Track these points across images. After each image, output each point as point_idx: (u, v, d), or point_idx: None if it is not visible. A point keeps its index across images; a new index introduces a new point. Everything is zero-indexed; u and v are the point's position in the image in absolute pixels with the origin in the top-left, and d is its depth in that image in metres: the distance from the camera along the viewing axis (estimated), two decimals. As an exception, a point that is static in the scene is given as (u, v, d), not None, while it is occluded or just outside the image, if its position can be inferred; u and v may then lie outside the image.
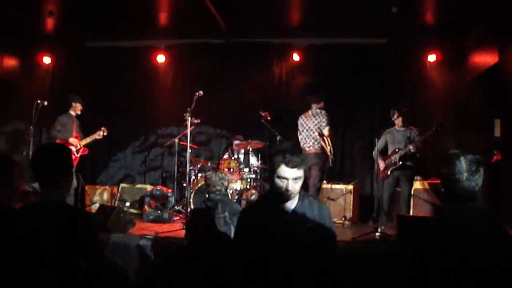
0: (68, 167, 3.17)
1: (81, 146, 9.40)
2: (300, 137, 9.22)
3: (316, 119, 9.00)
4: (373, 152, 8.96)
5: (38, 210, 3.03)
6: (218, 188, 5.92)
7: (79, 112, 9.61)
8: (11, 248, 2.90)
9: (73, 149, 9.29)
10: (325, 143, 8.90)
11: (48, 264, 2.87)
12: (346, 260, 6.39)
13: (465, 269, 2.75)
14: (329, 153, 8.93)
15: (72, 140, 9.30)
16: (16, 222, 3.00)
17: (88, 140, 9.49)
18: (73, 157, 9.30)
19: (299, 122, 9.27)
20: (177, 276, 5.58)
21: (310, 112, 9.14)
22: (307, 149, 9.03)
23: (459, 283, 2.77)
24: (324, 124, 8.90)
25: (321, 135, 8.90)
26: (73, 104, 9.54)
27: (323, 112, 9.00)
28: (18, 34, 10.65)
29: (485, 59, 9.34)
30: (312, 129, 8.99)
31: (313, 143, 8.99)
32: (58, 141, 9.25)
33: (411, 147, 8.34)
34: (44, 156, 3.13)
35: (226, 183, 5.97)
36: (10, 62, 11.40)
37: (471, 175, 2.90)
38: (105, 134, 9.63)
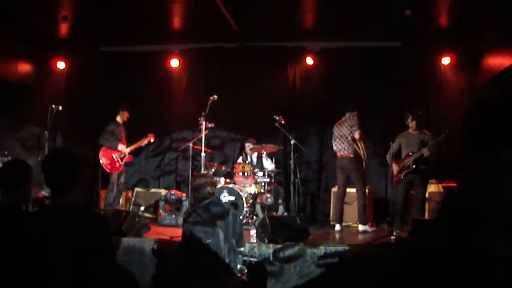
0: (79, 173, 3.17)
1: (126, 153, 9.53)
2: (334, 144, 9.25)
3: (348, 124, 9.00)
4: (387, 156, 8.96)
5: (51, 214, 3.05)
6: (205, 192, 5.82)
7: (126, 119, 9.76)
8: (25, 251, 2.92)
9: (115, 156, 9.48)
10: (358, 146, 8.90)
11: (60, 267, 2.88)
12: (361, 264, 6.42)
13: (479, 272, 2.73)
14: (362, 156, 8.93)
15: (120, 147, 9.42)
16: (30, 226, 3.03)
17: (133, 147, 9.62)
18: (117, 164, 9.56)
19: (333, 130, 9.28)
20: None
21: (343, 118, 9.14)
22: (341, 154, 9.08)
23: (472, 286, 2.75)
24: (355, 128, 8.89)
25: (354, 139, 8.89)
26: (121, 111, 9.63)
27: (355, 117, 8.99)
28: (33, 39, 10.76)
29: (499, 61, 9.31)
30: (345, 135, 8.99)
31: (346, 148, 8.99)
32: (104, 148, 9.48)
33: (424, 150, 8.33)
34: (54, 163, 3.14)
35: (209, 188, 5.85)
36: (25, 67, 11.47)
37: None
38: (151, 140, 9.87)
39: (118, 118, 9.64)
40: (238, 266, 5.74)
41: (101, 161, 9.43)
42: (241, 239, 5.69)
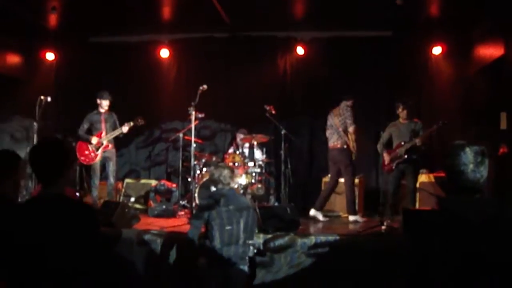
0: (65, 162, 3.13)
1: (104, 142, 9.38)
2: (326, 132, 9.27)
3: (341, 116, 8.97)
4: (378, 145, 8.96)
5: (38, 204, 3.01)
6: (224, 182, 5.92)
7: (106, 108, 9.56)
8: (14, 242, 2.89)
9: (91, 147, 9.37)
10: (348, 138, 8.89)
11: (49, 258, 2.86)
12: (351, 254, 6.41)
13: (470, 260, 2.72)
14: (352, 149, 8.93)
15: (94, 140, 9.29)
16: (18, 217, 2.99)
17: (111, 136, 9.44)
18: (92, 154, 9.39)
19: (327, 118, 9.28)
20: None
21: (338, 108, 9.11)
22: (330, 144, 9.10)
23: (465, 275, 2.74)
24: (349, 121, 8.87)
25: (345, 131, 8.88)
26: (97, 100, 9.50)
27: (349, 108, 8.97)
28: (21, 30, 10.64)
29: (491, 51, 9.30)
30: (337, 126, 8.97)
31: (336, 139, 8.99)
32: (79, 141, 9.43)
33: (417, 141, 8.34)
34: (40, 153, 3.11)
35: (228, 178, 5.97)
36: (14, 58, 11.36)
37: (476, 167, 2.87)
38: (139, 123, 9.62)
39: (99, 108, 9.53)
40: (247, 258, 5.85)
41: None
42: (253, 233, 5.96)
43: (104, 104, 9.51)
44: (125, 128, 9.42)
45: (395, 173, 8.61)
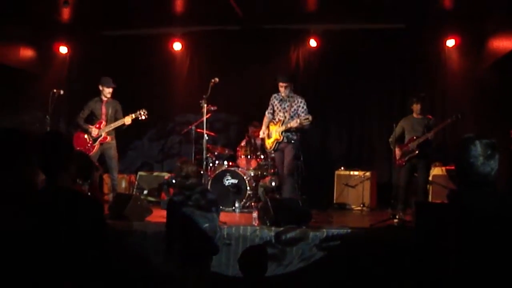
0: (68, 155, 3.13)
1: (103, 134, 9.14)
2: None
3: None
4: (390, 140, 8.92)
5: (43, 197, 3.01)
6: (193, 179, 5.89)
7: (108, 95, 9.31)
8: (17, 235, 2.88)
9: (88, 137, 9.15)
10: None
11: (53, 251, 2.85)
12: (363, 247, 6.41)
13: (481, 253, 2.71)
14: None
15: (93, 130, 9.15)
16: (22, 210, 2.98)
17: (110, 127, 9.18)
18: (88, 145, 9.16)
19: None
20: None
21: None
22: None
23: (476, 268, 2.73)
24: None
25: None
26: (99, 87, 9.30)
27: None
28: (35, 24, 10.69)
29: (504, 43, 9.22)
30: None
31: None
32: (78, 131, 9.26)
33: (429, 135, 8.30)
34: (43, 145, 3.10)
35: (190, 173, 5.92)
36: (27, 52, 11.40)
37: (487, 160, 2.85)
38: (143, 117, 9.32)
39: (102, 95, 9.41)
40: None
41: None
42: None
43: (107, 91, 9.27)
44: (127, 120, 9.18)
45: (407, 167, 8.57)
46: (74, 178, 3.32)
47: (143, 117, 9.35)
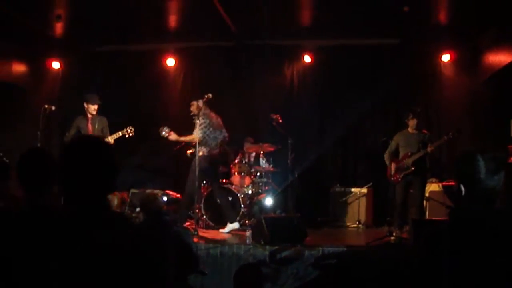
0: (52, 173, 3.06)
1: None
2: None
3: None
4: (385, 155, 8.86)
5: (24, 216, 2.92)
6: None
7: (93, 112, 9.20)
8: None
9: None
10: None
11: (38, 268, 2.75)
12: (360, 265, 6.31)
13: (483, 271, 2.61)
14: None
15: None
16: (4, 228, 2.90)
17: None
18: None
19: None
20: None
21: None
22: None
23: (480, 286, 2.64)
24: None
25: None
26: (84, 104, 9.22)
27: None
28: (27, 39, 10.63)
29: (499, 58, 9.28)
30: None
31: None
32: None
33: (425, 151, 8.23)
34: (27, 163, 3.05)
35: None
36: (19, 67, 11.35)
37: (491, 175, 2.74)
38: (129, 135, 9.25)
39: (87, 112, 9.28)
40: None
41: None
42: None
43: (92, 108, 9.15)
44: (110, 140, 9.03)
45: (402, 184, 8.49)
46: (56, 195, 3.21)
47: (130, 134, 9.24)
